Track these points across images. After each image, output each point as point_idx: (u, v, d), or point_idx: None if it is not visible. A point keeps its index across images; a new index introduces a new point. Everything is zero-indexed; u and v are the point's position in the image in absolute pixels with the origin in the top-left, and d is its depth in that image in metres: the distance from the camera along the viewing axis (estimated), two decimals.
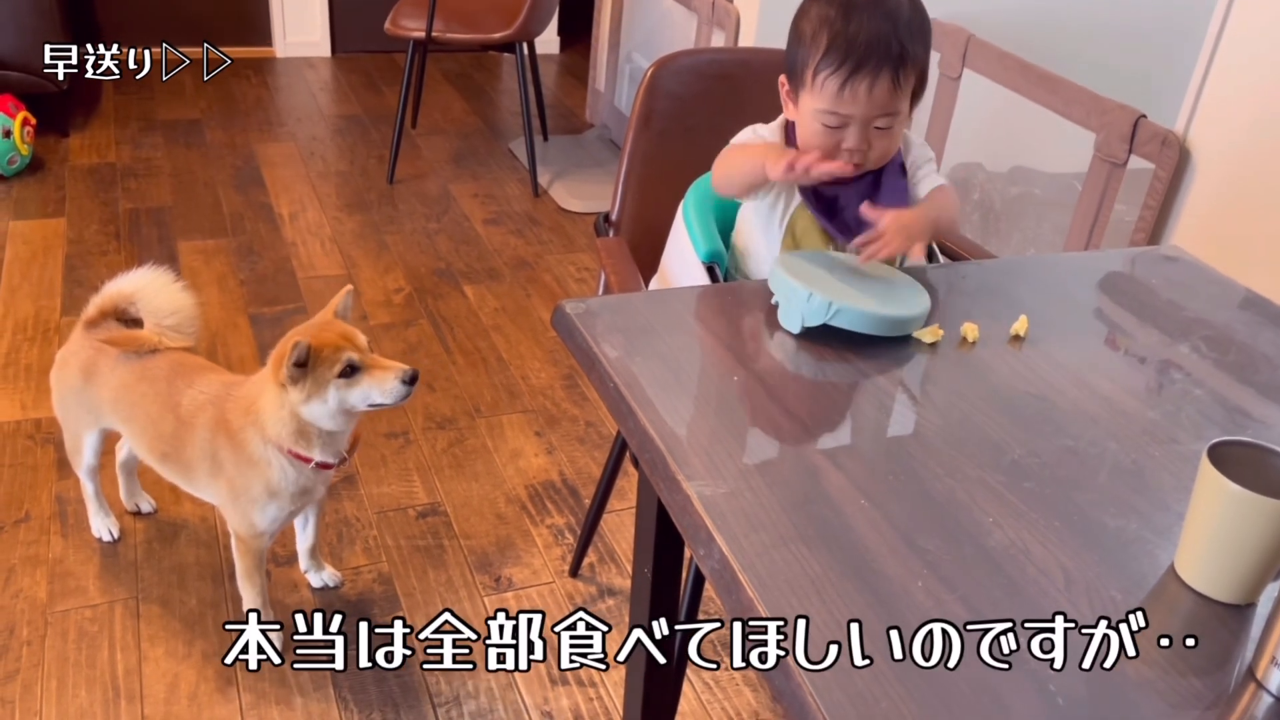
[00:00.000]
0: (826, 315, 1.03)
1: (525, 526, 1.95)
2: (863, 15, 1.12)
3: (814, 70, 1.14)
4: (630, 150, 1.49)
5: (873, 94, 1.13)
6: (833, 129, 1.16)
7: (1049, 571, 0.77)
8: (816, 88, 1.15)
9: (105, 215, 2.96)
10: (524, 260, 2.96)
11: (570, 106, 4.22)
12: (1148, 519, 0.84)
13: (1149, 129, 2.17)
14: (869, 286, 1.09)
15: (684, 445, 0.88)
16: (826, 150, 1.18)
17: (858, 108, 1.14)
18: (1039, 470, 0.89)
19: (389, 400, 1.42)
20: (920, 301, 1.08)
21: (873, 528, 0.80)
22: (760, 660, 0.71)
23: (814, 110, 1.16)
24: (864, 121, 1.15)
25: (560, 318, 1.08)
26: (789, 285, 1.05)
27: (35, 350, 2.31)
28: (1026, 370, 1.04)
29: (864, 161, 1.19)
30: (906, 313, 1.06)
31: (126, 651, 1.62)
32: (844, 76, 1.12)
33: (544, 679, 1.64)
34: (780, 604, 0.73)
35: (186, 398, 1.53)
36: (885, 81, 1.13)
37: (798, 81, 1.18)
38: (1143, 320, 1.19)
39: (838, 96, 1.13)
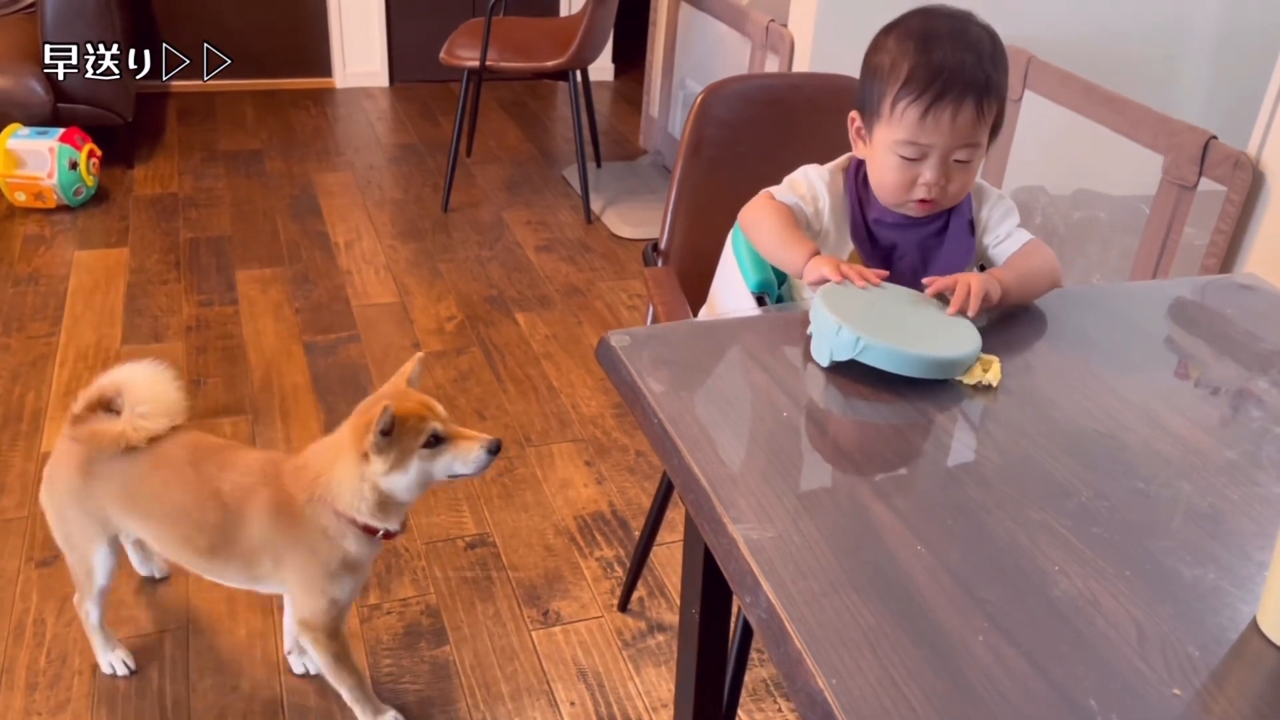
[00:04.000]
0: (854, 350, 0.98)
1: (574, 559, 1.93)
2: (945, 44, 1.10)
3: (894, 99, 1.11)
4: (680, 178, 1.47)
5: (956, 123, 1.10)
6: (910, 162, 1.13)
7: (1120, 625, 0.72)
8: (896, 117, 1.11)
9: (166, 245, 3.01)
10: (575, 287, 2.95)
11: (624, 133, 4.22)
12: (1227, 569, 0.79)
13: (1220, 150, 2.09)
14: (915, 324, 1.03)
15: (730, 486, 0.85)
16: (902, 187, 1.14)
17: (940, 137, 1.11)
18: (1108, 514, 0.84)
19: (470, 471, 1.36)
20: (965, 344, 1.01)
21: (929, 575, 0.76)
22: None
23: (892, 142, 1.13)
24: (944, 153, 1.12)
25: (605, 351, 1.05)
26: (822, 316, 1.01)
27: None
28: (1093, 406, 0.99)
29: (940, 198, 1.15)
30: (943, 354, 0.99)
31: (175, 682, 1.61)
32: (927, 103, 1.09)
33: (591, 717, 1.61)
34: (831, 658, 0.69)
35: (228, 483, 1.41)
36: (969, 110, 1.10)
37: (873, 114, 1.15)
38: (1218, 352, 1.13)
39: (919, 125, 1.10)
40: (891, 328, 1.01)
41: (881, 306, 1.06)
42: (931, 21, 1.13)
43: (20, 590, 1.76)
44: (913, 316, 1.06)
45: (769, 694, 1.66)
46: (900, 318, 1.05)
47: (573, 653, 1.72)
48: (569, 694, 1.64)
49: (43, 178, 3.05)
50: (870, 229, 1.20)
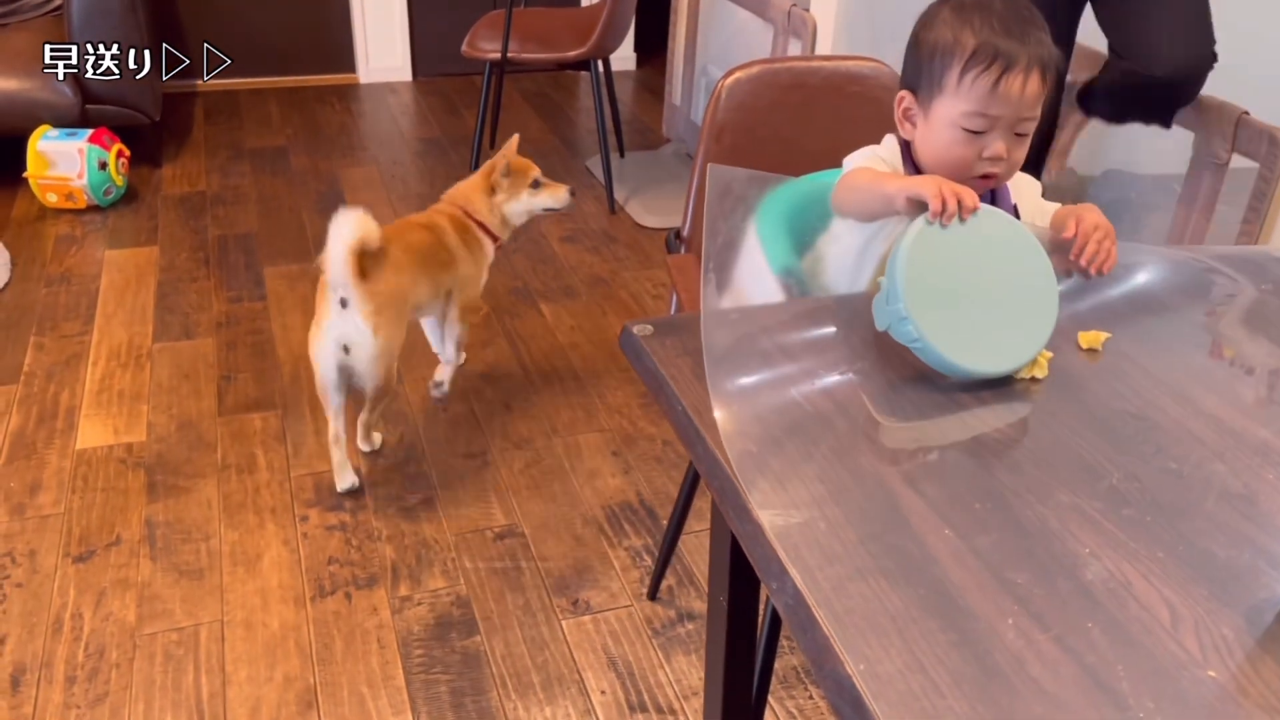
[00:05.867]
0: (909, 342, 0.95)
1: (603, 548, 1.93)
2: (1007, 15, 1.10)
3: (960, 71, 1.10)
4: (701, 164, 1.46)
5: (1025, 91, 1.09)
6: (975, 136, 1.12)
7: (1153, 607, 0.71)
8: (964, 90, 1.10)
9: (195, 242, 3.04)
10: (600, 278, 2.95)
11: (647, 122, 4.21)
12: (1263, 549, 0.77)
13: (1252, 127, 2.06)
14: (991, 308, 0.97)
15: (755, 471, 0.84)
16: (965, 162, 1.13)
17: (1009, 107, 1.10)
18: (1139, 496, 0.82)
19: (559, 206, 2.28)
20: (1029, 346, 0.96)
21: (957, 560, 0.75)
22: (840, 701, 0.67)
23: (959, 115, 1.11)
24: (1009, 125, 1.11)
25: (628, 340, 1.05)
26: (896, 287, 0.94)
27: (128, 376, 2.38)
28: (1123, 386, 0.98)
29: (1003, 171, 1.15)
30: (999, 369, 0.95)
31: (211, 675, 1.63)
32: (998, 73, 1.09)
33: (621, 706, 1.61)
34: (858, 644, 0.68)
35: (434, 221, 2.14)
36: (1036, 78, 1.09)
37: (932, 89, 1.14)
38: (1251, 329, 1.11)
39: (990, 96, 1.09)
40: (962, 319, 0.95)
41: (967, 277, 0.98)
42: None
43: (58, 585, 1.79)
44: (997, 289, 0.98)
45: (799, 681, 1.66)
46: (981, 296, 0.97)
47: (603, 641, 1.72)
48: (599, 682, 1.65)
49: (73, 178, 3.08)
50: None
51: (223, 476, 2.07)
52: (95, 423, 2.21)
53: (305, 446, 2.16)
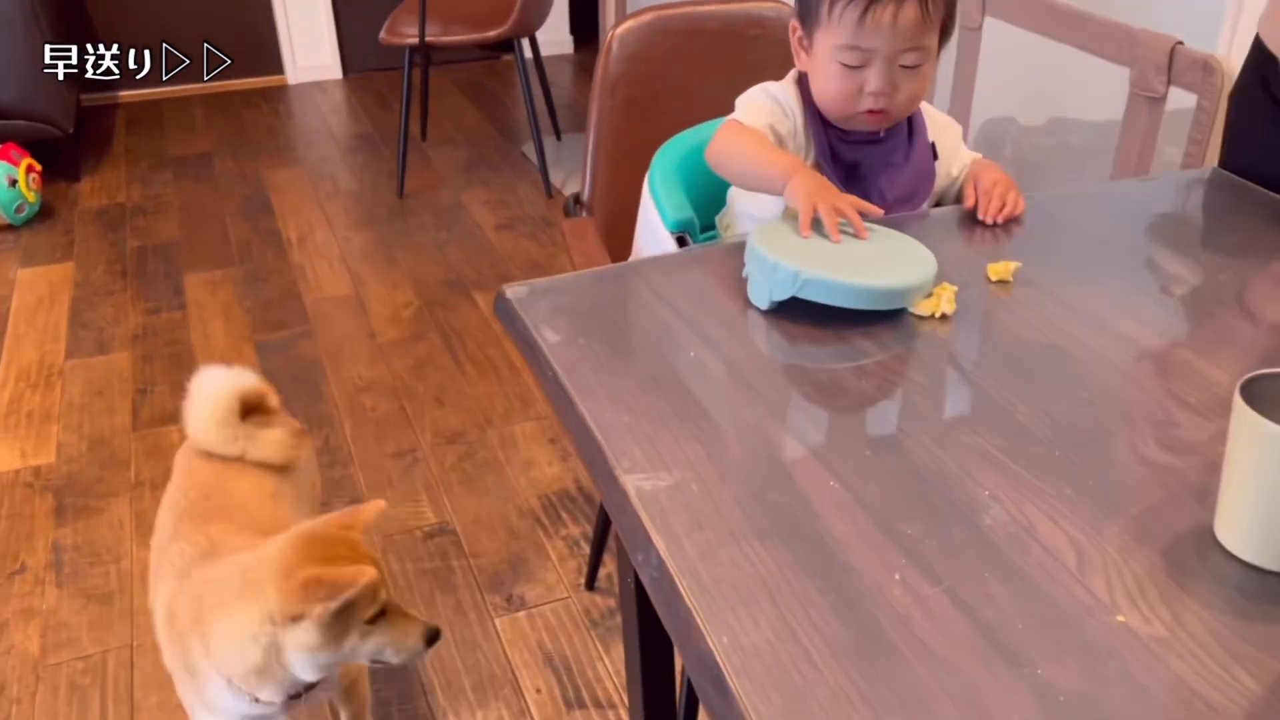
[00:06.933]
0: (794, 288, 0.88)
1: (538, 540, 1.84)
2: None
3: (830, 1, 1.02)
4: (596, 122, 1.38)
5: (898, 23, 1.01)
6: (853, 69, 1.04)
7: (1057, 551, 0.63)
8: (834, 21, 1.03)
9: (112, 255, 2.91)
10: (537, 263, 2.85)
11: (585, 105, 4.10)
12: (1182, 479, 0.69)
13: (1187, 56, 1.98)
14: (860, 256, 0.93)
15: (626, 435, 0.75)
16: (846, 97, 1.05)
17: (881, 39, 1.02)
18: (1048, 431, 0.74)
19: (399, 661, 1.10)
20: (918, 271, 0.91)
21: (842, 513, 0.67)
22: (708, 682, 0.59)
23: (832, 48, 1.04)
24: (889, 58, 1.03)
25: (502, 305, 0.96)
26: (759, 255, 0.91)
27: (37, 397, 2.26)
28: (1035, 317, 0.90)
29: (889, 107, 1.06)
30: (892, 283, 0.89)
31: (119, 703, 1.53)
32: (865, 3, 1.01)
33: (558, 703, 1.52)
34: (724, 615, 0.60)
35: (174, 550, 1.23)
36: (912, 7, 1.01)
37: (812, 20, 1.06)
38: (1177, 252, 1.03)
39: (858, 27, 1.01)
40: (835, 259, 0.91)
41: (828, 241, 0.95)
42: None
43: None
44: (861, 246, 0.95)
45: None
46: (846, 248, 0.94)
47: (538, 637, 1.63)
48: (535, 680, 1.56)
49: None
50: (832, 145, 1.11)
51: (136, 494, 1.96)
52: (1, 447, 2.10)
53: None
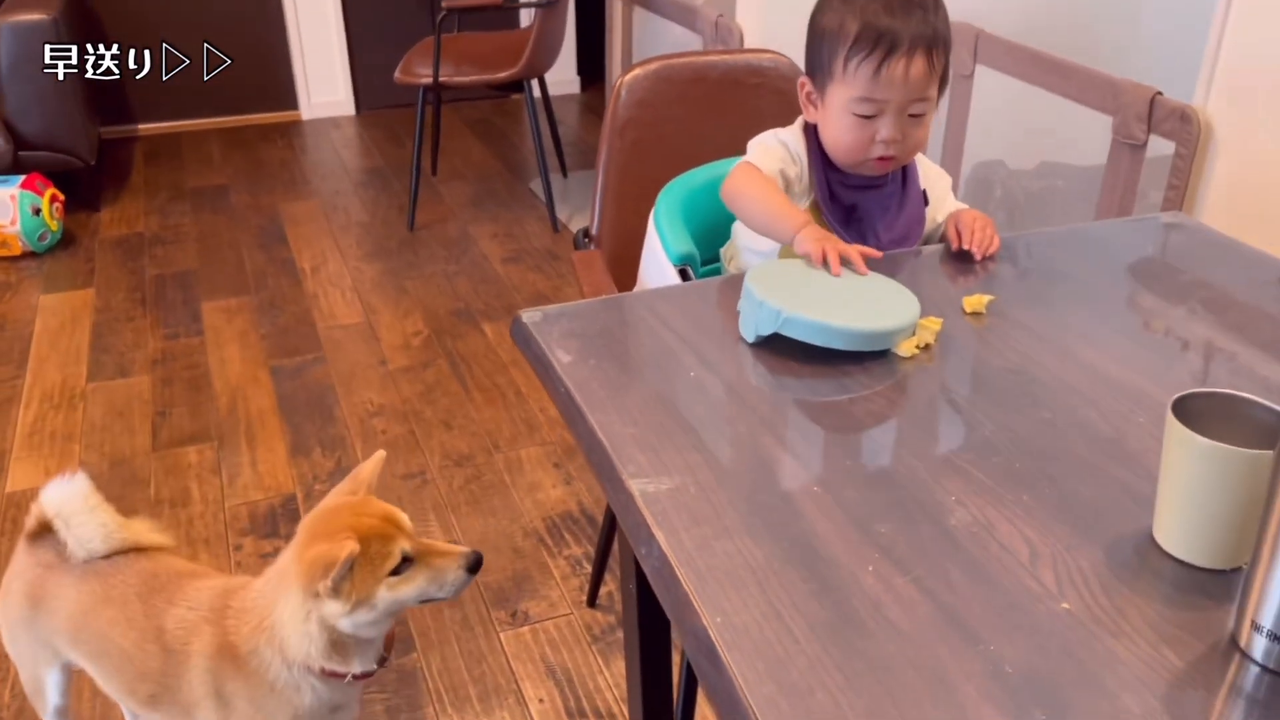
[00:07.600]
0: (776, 324, 0.96)
1: (542, 559, 1.91)
2: (891, 1, 1.11)
3: (845, 58, 1.12)
4: (605, 162, 1.47)
5: (909, 76, 1.11)
6: (866, 120, 1.13)
7: (1013, 547, 0.71)
8: (849, 76, 1.12)
9: (132, 283, 3.01)
10: (543, 294, 2.94)
11: (591, 143, 4.22)
12: (1128, 487, 0.78)
13: (1165, 106, 2.09)
14: (847, 299, 1.00)
15: (631, 444, 0.84)
16: (860, 146, 1.15)
17: (894, 91, 1.11)
18: (1010, 445, 0.83)
19: (448, 595, 1.13)
20: (899, 316, 0.98)
21: (824, 514, 0.75)
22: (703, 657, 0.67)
23: (847, 100, 1.13)
24: (899, 108, 1.13)
25: (518, 328, 1.05)
26: (749, 292, 0.99)
27: (60, 417, 2.35)
28: (1004, 345, 0.98)
29: (899, 154, 1.16)
30: (870, 326, 0.95)
31: None
32: (879, 59, 1.10)
33: (560, 713, 1.59)
34: (717, 598, 0.68)
35: (171, 620, 1.18)
36: (920, 62, 1.11)
37: (825, 76, 1.15)
38: (1140, 287, 1.12)
39: (873, 81, 1.11)
40: (820, 300, 0.98)
41: (819, 280, 1.03)
42: None
43: None
44: (850, 289, 1.02)
45: None
46: (835, 290, 1.01)
47: (541, 651, 1.70)
48: (537, 691, 1.63)
49: (5, 225, 3.05)
50: (833, 189, 1.21)
51: (155, 511, 2.04)
52: (26, 465, 2.18)
53: (241, 476, 2.14)
